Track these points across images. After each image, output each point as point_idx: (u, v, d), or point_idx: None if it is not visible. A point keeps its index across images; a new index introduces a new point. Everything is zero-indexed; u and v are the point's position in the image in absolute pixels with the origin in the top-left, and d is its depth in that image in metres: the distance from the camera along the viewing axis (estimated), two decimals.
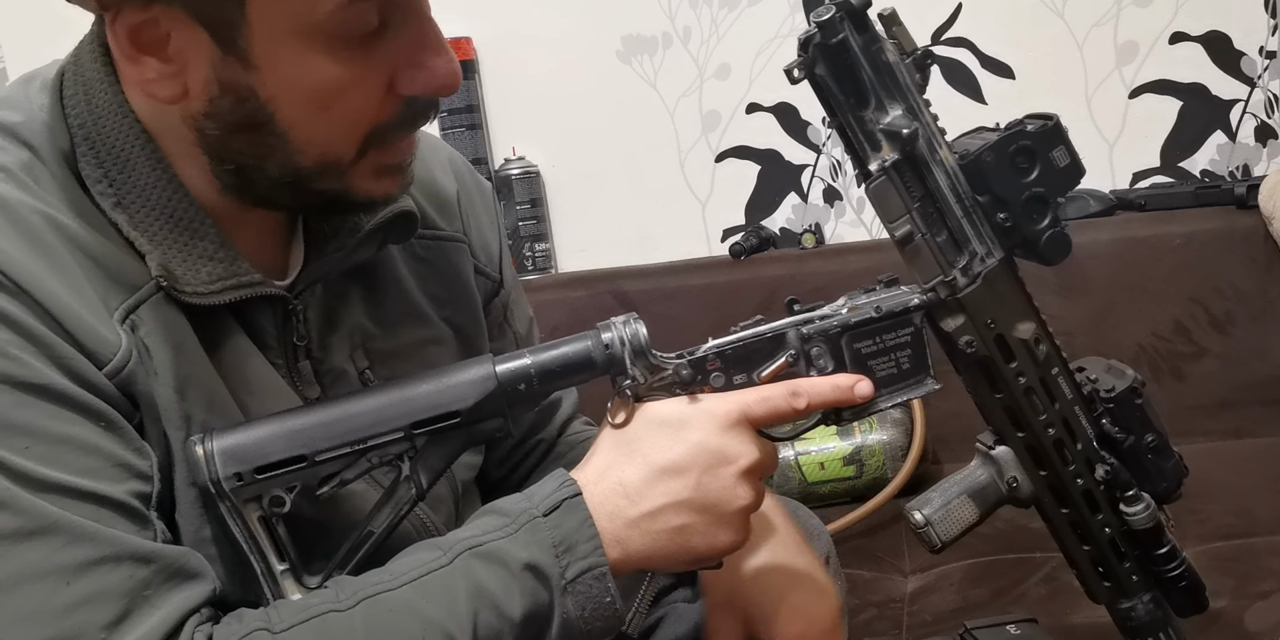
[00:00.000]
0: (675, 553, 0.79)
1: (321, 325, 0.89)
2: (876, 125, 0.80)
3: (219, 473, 0.77)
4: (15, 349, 0.71)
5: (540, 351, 0.81)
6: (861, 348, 0.83)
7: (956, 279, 0.83)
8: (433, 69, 0.79)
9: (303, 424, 0.79)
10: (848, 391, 0.82)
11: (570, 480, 0.79)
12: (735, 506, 0.79)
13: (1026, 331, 0.86)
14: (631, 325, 0.81)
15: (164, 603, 0.73)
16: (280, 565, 0.79)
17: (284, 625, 0.73)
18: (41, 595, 0.69)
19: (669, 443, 0.79)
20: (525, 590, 0.76)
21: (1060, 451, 0.88)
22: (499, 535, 0.77)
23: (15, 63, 2.37)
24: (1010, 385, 0.86)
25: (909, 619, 1.51)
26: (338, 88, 0.77)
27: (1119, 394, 0.89)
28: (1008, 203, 0.82)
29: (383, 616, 0.74)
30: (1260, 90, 2.06)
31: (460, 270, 1.00)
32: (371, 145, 0.80)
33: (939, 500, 0.90)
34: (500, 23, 2.23)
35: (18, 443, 0.71)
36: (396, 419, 0.79)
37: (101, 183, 0.80)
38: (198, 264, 0.80)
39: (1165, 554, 0.91)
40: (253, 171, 0.80)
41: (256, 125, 0.77)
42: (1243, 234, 1.93)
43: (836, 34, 0.78)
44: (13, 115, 0.81)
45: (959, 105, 2.12)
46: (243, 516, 0.78)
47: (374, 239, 0.90)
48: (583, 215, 2.29)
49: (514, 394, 0.80)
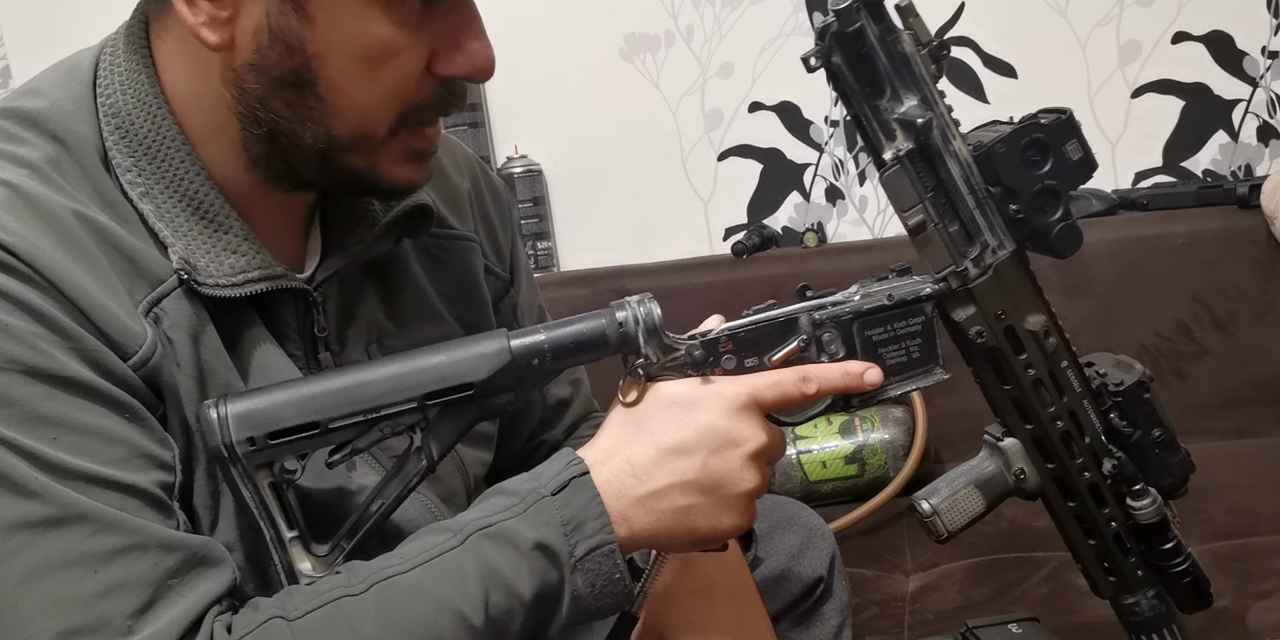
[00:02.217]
0: (679, 533, 0.80)
1: (339, 318, 0.90)
2: (891, 115, 0.80)
3: (232, 436, 0.77)
4: (44, 342, 0.72)
5: (555, 328, 0.81)
6: (873, 335, 0.84)
7: (968, 269, 0.83)
8: (471, 52, 0.80)
9: (316, 391, 0.79)
10: (857, 378, 0.82)
11: (577, 459, 0.80)
12: (741, 489, 0.79)
13: (1036, 324, 0.86)
14: (646, 305, 0.81)
15: (189, 591, 0.73)
16: (289, 532, 0.79)
17: (298, 612, 0.74)
18: (69, 583, 0.70)
19: (678, 423, 0.79)
20: (535, 569, 0.76)
21: (1068, 444, 0.88)
22: (508, 515, 0.77)
23: (19, 59, 2.37)
24: (1019, 377, 0.87)
25: (911, 618, 1.51)
26: (386, 51, 0.78)
27: (1127, 388, 0.89)
28: (1020, 195, 0.82)
29: (395, 599, 0.74)
30: (1263, 90, 2.06)
31: (472, 270, 1.01)
32: (404, 124, 0.81)
33: (946, 490, 0.90)
34: (503, 21, 2.22)
35: (46, 433, 0.71)
36: (410, 389, 0.79)
37: (131, 172, 0.80)
38: (221, 256, 0.81)
39: (1170, 549, 0.91)
40: (285, 137, 0.80)
41: (300, 82, 0.78)
42: (1245, 234, 1.93)
43: (853, 23, 0.78)
44: (39, 102, 0.81)
45: (962, 104, 2.11)
46: (254, 482, 0.78)
47: (391, 233, 0.91)
48: (585, 214, 2.29)
49: (527, 369, 0.80)
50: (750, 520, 0.82)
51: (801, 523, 1.12)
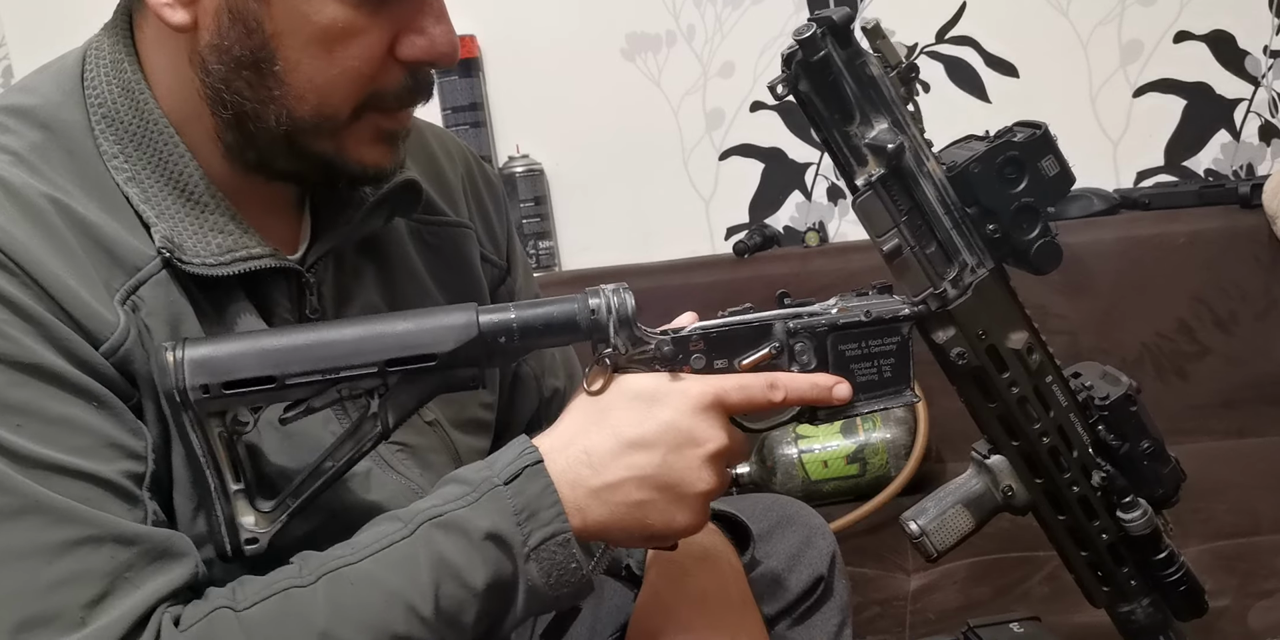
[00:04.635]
0: (632, 527, 0.79)
1: (336, 300, 0.90)
2: (862, 140, 0.80)
3: (186, 382, 0.76)
4: (12, 328, 0.72)
5: (525, 307, 0.81)
6: (846, 350, 0.83)
7: (946, 291, 0.83)
8: (433, 37, 0.80)
9: (277, 345, 0.78)
10: (825, 391, 0.82)
11: (531, 447, 0.79)
12: (697, 489, 0.79)
13: (1019, 341, 0.85)
14: (620, 294, 0.80)
15: (143, 584, 0.73)
16: (235, 485, 0.78)
17: (247, 602, 0.74)
18: (25, 574, 0.70)
19: (640, 417, 0.79)
20: (488, 559, 0.76)
21: (1056, 459, 0.88)
22: (459, 505, 0.77)
23: (20, 58, 2.37)
24: (1003, 395, 0.86)
25: (912, 617, 1.51)
26: (341, 32, 0.78)
27: (1114, 401, 0.89)
28: (997, 213, 0.81)
29: (344, 590, 0.74)
30: (1264, 89, 2.06)
31: (468, 257, 1.01)
32: (369, 108, 0.81)
33: (934, 510, 0.90)
34: (505, 21, 2.23)
35: (10, 420, 0.71)
36: (372, 354, 0.78)
37: (117, 158, 0.81)
38: (208, 236, 0.81)
39: (1163, 559, 0.91)
40: (251, 120, 0.80)
41: (259, 62, 0.78)
42: (1247, 233, 1.93)
43: (818, 51, 0.77)
44: (30, 99, 0.82)
45: (963, 104, 2.12)
46: (204, 429, 0.77)
47: (380, 211, 0.91)
48: (586, 213, 2.29)
49: (493, 346, 0.79)
50: (704, 521, 0.81)
51: (801, 522, 1.12)
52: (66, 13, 2.26)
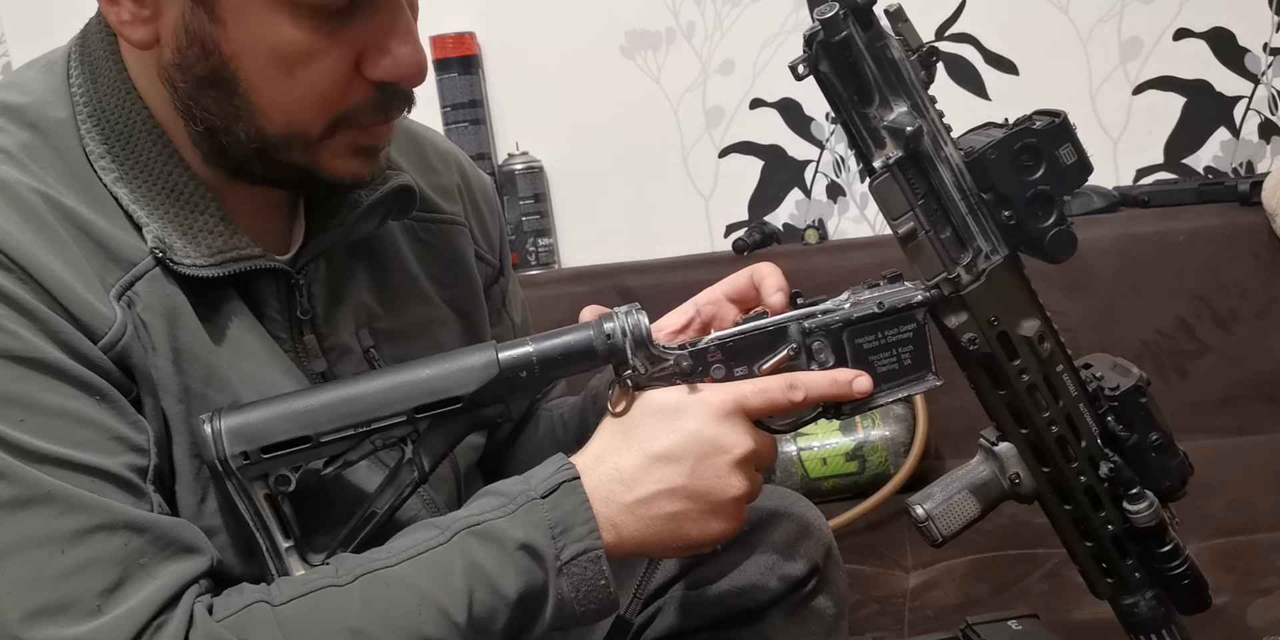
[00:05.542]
0: (668, 539, 0.80)
1: (326, 300, 0.90)
2: (880, 122, 0.80)
3: (226, 451, 0.78)
4: (11, 323, 0.72)
5: (542, 339, 0.82)
6: (863, 343, 0.84)
7: (960, 276, 0.83)
8: (398, 57, 0.79)
9: (307, 405, 0.80)
10: (846, 386, 0.83)
11: (569, 464, 0.80)
12: (728, 495, 0.80)
13: (1030, 329, 0.86)
14: (634, 316, 0.82)
15: (161, 572, 0.73)
16: (285, 542, 0.80)
17: (284, 598, 0.75)
18: (38, 562, 0.70)
19: (664, 430, 0.80)
20: (520, 569, 0.77)
21: (1063, 448, 0.88)
22: (496, 515, 0.78)
23: (19, 53, 2.37)
24: (1013, 382, 0.86)
25: (911, 614, 1.51)
26: (299, 56, 0.77)
27: (1123, 392, 0.89)
28: (1013, 200, 0.81)
29: (380, 591, 0.75)
30: (1264, 87, 2.06)
31: (462, 253, 1.01)
32: (342, 125, 0.81)
33: (941, 495, 0.90)
34: (504, 18, 2.23)
35: (14, 415, 0.72)
36: (399, 403, 0.80)
37: (105, 159, 0.81)
38: (198, 237, 0.81)
39: (1168, 552, 0.91)
40: (222, 134, 0.80)
41: (221, 82, 0.78)
42: (1246, 231, 1.93)
43: (840, 31, 0.77)
44: (18, 97, 0.82)
45: (963, 101, 2.12)
46: (249, 494, 0.79)
47: (374, 214, 0.91)
48: (586, 210, 2.29)
49: (515, 381, 0.81)
50: (739, 525, 0.82)
51: (796, 514, 1.12)
52: (65, 9, 2.27)
